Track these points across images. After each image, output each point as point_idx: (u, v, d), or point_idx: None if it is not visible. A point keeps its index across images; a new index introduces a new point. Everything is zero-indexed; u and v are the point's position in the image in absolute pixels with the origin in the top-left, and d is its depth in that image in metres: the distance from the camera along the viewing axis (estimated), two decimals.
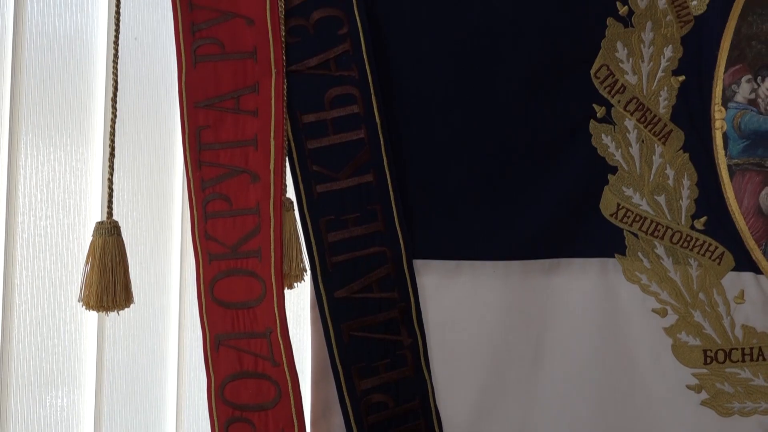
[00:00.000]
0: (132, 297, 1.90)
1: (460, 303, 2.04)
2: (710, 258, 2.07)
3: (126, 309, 1.89)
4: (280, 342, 1.91)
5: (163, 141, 2.43)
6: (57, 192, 2.34)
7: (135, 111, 2.36)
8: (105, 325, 2.36)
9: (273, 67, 1.94)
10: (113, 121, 1.91)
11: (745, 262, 2.08)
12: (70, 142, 2.36)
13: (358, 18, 1.97)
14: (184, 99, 1.95)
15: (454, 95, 2.04)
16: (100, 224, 1.89)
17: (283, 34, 1.94)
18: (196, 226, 1.94)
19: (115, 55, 1.93)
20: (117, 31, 1.93)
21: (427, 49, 2.02)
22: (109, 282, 1.86)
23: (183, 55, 1.95)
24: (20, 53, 2.32)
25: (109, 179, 1.91)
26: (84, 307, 1.87)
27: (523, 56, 2.04)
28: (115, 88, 1.92)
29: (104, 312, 1.88)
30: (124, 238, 1.91)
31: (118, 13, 1.93)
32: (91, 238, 1.90)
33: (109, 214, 1.89)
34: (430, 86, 2.03)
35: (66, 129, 2.35)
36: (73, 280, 2.30)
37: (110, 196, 1.90)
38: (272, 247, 1.91)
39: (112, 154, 1.91)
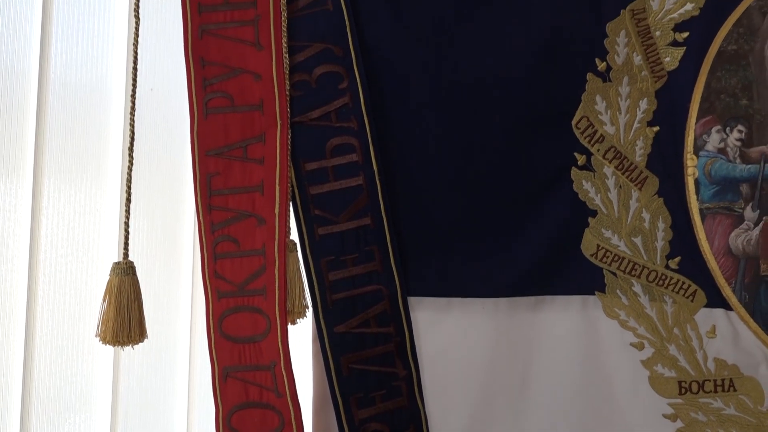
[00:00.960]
0: (146, 332, 1.91)
1: (451, 337, 2.06)
2: (684, 295, 2.09)
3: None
4: (284, 374, 1.93)
5: (175, 185, 2.44)
6: (77, 231, 2.35)
7: (150, 156, 2.39)
8: (120, 356, 2.37)
9: (278, 118, 1.97)
10: (130, 169, 1.94)
11: (716, 299, 2.09)
12: (89, 185, 2.38)
13: (357, 74, 2.01)
14: (196, 148, 1.98)
15: (446, 144, 2.07)
16: (116, 264, 1.91)
17: (288, 88, 1.98)
18: (206, 265, 1.97)
19: (132, 108, 1.96)
20: (134, 85, 1.96)
21: (421, 102, 2.06)
22: (125, 318, 1.88)
23: (195, 107, 1.99)
24: (44, 102, 2.34)
25: (125, 223, 1.92)
26: (101, 341, 1.89)
27: (509, 108, 2.07)
28: (132, 139, 1.95)
29: (119, 346, 1.90)
30: (139, 276, 1.93)
31: (135, 69, 1.96)
32: (108, 276, 1.92)
33: (125, 255, 1.92)
34: (423, 136, 2.06)
35: (86, 173, 2.37)
36: (90, 313, 2.31)
37: (126, 238, 1.92)
38: (277, 285, 1.94)
39: (128, 200, 1.94)
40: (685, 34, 2.13)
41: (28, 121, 2.33)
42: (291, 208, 1.98)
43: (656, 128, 2.11)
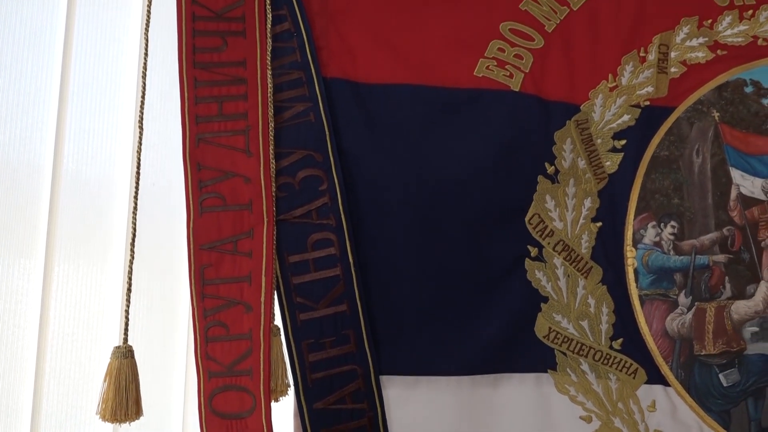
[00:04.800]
0: (141, 410, 1.88)
1: (419, 412, 2.05)
2: (626, 373, 2.11)
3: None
4: None
5: (173, 273, 2.45)
6: (82, 312, 2.35)
7: (150, 245, 2.39)
8: (119, 429, 2.34)
9: (265, 216, 1.99)
10: (131, 263, 1.94)
11: (655, 377, 2.12)
12: (95, 271, 2.38)
13: (335, 176, 2.03)
14: (191, 242, 1.98)
15: (414, 238, 2.08)
16: (117, 348, 1.89)
17: (274, 190, 2.00)
18: (198, 347, 1.95)
19: (135, 207, 1.95)
20: (137, 187, 1.96)
21: (392, 201, 2.08)
22: (123, 398, 1.86)
23: (191, 205, 1.99)
24: (57, 194, 2.37)
25: (126, 310, 1.91)
26: (100, 419, 1.87)
27: (470, 207, 2.11)
28: (134, 235, 1.94)
29: (117, 423, 1.88)
30: (137, 356, 1.91)
31: (138, 173, 1.96)
32: (109, 351, 1.90)
33: (125, 340, 1.90)
34: (394, 231, 2.08)
35: (91, 259, 2.38)
36: (93, 387, 2.30)
37: (126, 324, 1.90)
38: (261, 367, 1.92)
39: (129, 290, 1.93)
40: (623, 142, 2.20)
41: (41, 212, 2.35)
42: (275, 296, 1.98)
43: (599, 224, 2.16)
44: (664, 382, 2.12)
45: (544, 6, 2.21)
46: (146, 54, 2.00)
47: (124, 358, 1.90)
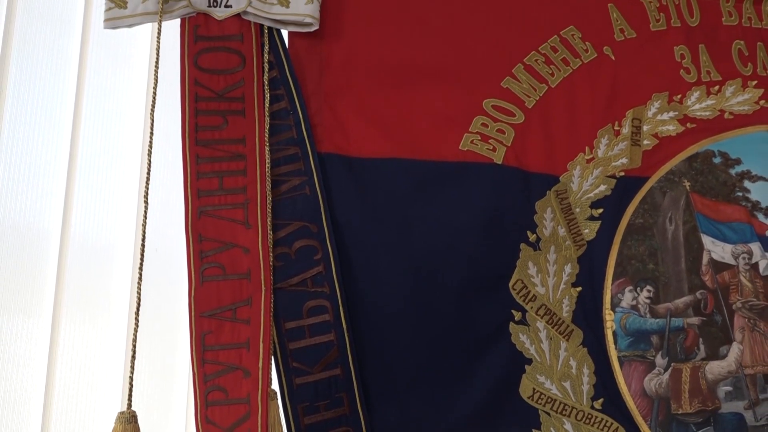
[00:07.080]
0: None
1: None
2: None
3: None
4: None
5: (174, 338, 2.49)
6: (87, 374, 2.39)
7: (153, 309, 2.42)
8: None
9: (263, 285, 2.04)
10: (135, 330, 1.97)
11: None
12: (100, 335, 2.42)
13: (329, 246, 2.09)
14: (193, 309, 2.03)
15: (404, 304, 2.13)
16: (121, 414, 1.92)
17: (271, 259, 2.05)
18: (198, 411, 1.98)
19: (140, 278, 2.00)
20: (142, 259, 2.00)
21: (383, 270, 2.13)
22: None
23: (193, 275, 2.04)
24: (64, 261, 2.42)
25: (130, 377, 1.94)
26: None
27: (457, 274, 2.16)
28: (138, 304, 1.98)
29: None
30: (138, 417, 1.95)
31: (143, 245, 2.01)
32: (113, 413, 1.93)
33: (129, 405, 1.92)
34: (385, 297, 2.13)
35: (96, 324, 2.42)
36: None
37: (130, 390, 1.93)
38: (259, 430, 1.95)
39: (133, 357, 1.96)
40: (600, 210, 2.27)
41: (49, 276, 2.40)
42: (273, 361, 2.02)
43: (579, 288, 2.22)
44: None
45: (524, 84, 2.31)
46: (152, 132, 2.07)
47: (128, 423, 1.92)
